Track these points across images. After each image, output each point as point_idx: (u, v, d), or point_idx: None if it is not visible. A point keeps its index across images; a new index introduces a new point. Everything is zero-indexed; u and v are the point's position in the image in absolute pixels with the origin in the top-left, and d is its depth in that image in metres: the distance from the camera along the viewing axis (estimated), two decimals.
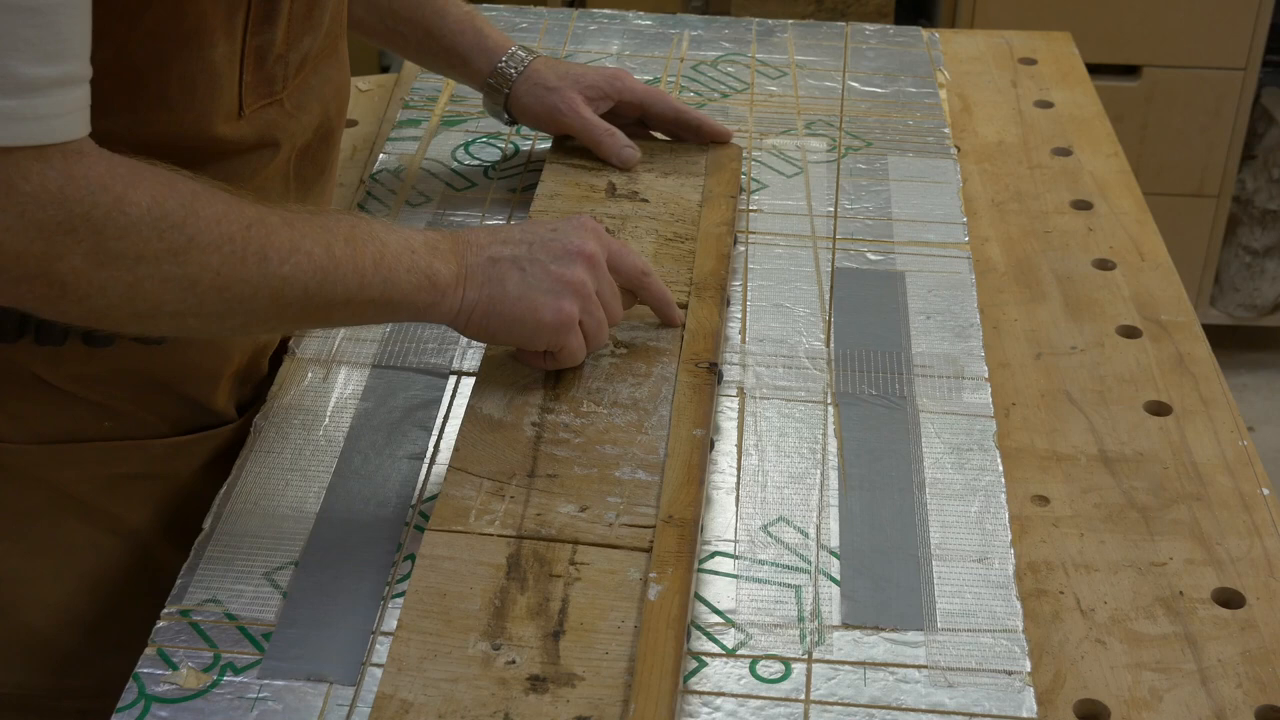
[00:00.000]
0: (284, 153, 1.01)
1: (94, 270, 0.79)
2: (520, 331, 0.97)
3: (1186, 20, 2.44)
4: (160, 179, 0.82)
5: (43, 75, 0.75)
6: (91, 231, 0.78)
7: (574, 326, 0.97)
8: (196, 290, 0.83)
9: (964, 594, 0.91)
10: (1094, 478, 1.06)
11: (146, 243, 0.80)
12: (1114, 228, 1.34)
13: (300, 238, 0.87)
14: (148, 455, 1.02)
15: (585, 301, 0.97)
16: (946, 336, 1.13)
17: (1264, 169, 2.69)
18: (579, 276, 0.97)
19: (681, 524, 0.90)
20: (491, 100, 1.28)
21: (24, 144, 0.75)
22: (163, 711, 0.83)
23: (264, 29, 0.94)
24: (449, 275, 0.94)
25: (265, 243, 0.85)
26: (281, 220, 0.87)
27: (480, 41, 1.25)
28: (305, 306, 0.89)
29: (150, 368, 1.00)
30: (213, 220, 0.83)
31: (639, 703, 0.79)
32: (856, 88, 1.48)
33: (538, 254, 0.97)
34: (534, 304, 0.96)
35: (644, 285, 1.04)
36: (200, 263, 0.82)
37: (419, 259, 0.93)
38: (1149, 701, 0.89)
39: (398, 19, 1.24)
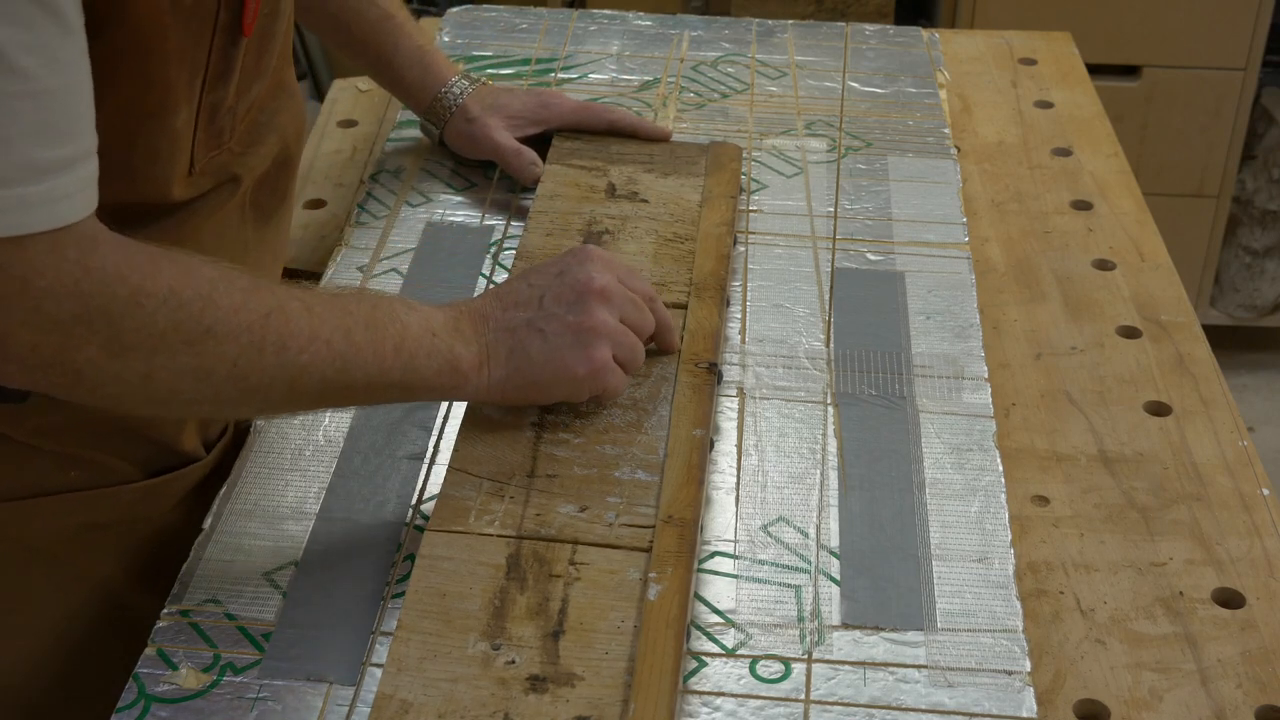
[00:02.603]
0: (242, 186, 1.00)
1: (109, 360, 0.79)
2: (559, 391, 0.96)
3: (1186, 20, 2.44)
4: (178, 267, 0.81)
5: (59, 157, 0.75)
6: (107, 323, 0.78)
7: (609, 367, 0.96)
8: (213, 380, 0.82)
9: (964, 594, 0.91)
10: (1094, 478, 1.06)
11: (163, 335, 0.79)
12: (1114, 228, 1.34)
13: (320, 325, 0.86)
14: (116, 502, 1.00)
15: (613, 337, 0.96)
16: (946, 337, 1.13)
17: (1264, 169, 2.69)
18: (599, 318, 0.95)
19: (681, 524, 0.90)
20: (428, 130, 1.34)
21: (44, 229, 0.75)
22: (163, 711, 0.83)
23: (219, 86, 0.93)
24: (471, 358, 0.93)
25: (284, 331, 0.84)
26: (302, 307, 0.86)
27: (424, 77, 1.31)
28: (323, 392, 0.88)
29: (113, 414, 0.97)
30: (230, 310, 0.82)
31: (639, 703, 0.79)
32: (856, 88, 1.48)
33: (551, 308, 0.95)
34: (563, 363, 0.94)
35: (653, 310, 1.02)
36: (217, 353, 0.82)
37: (440, 342, 0.91)
38: (1149, 701, 0.89)
39: (353, 39, 1.29)
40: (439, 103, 1.30)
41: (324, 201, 1.36)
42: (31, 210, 0.74)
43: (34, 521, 0.98)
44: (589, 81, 1.48)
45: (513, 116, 1.30)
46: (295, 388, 0.86)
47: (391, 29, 1.28)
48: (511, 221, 1.27)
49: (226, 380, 0.83)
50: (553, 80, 1.48)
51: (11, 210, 0.73)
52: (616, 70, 1.50)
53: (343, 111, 1.50)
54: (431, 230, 1.25)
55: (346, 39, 1.29)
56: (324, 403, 0.92)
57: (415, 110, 1.33)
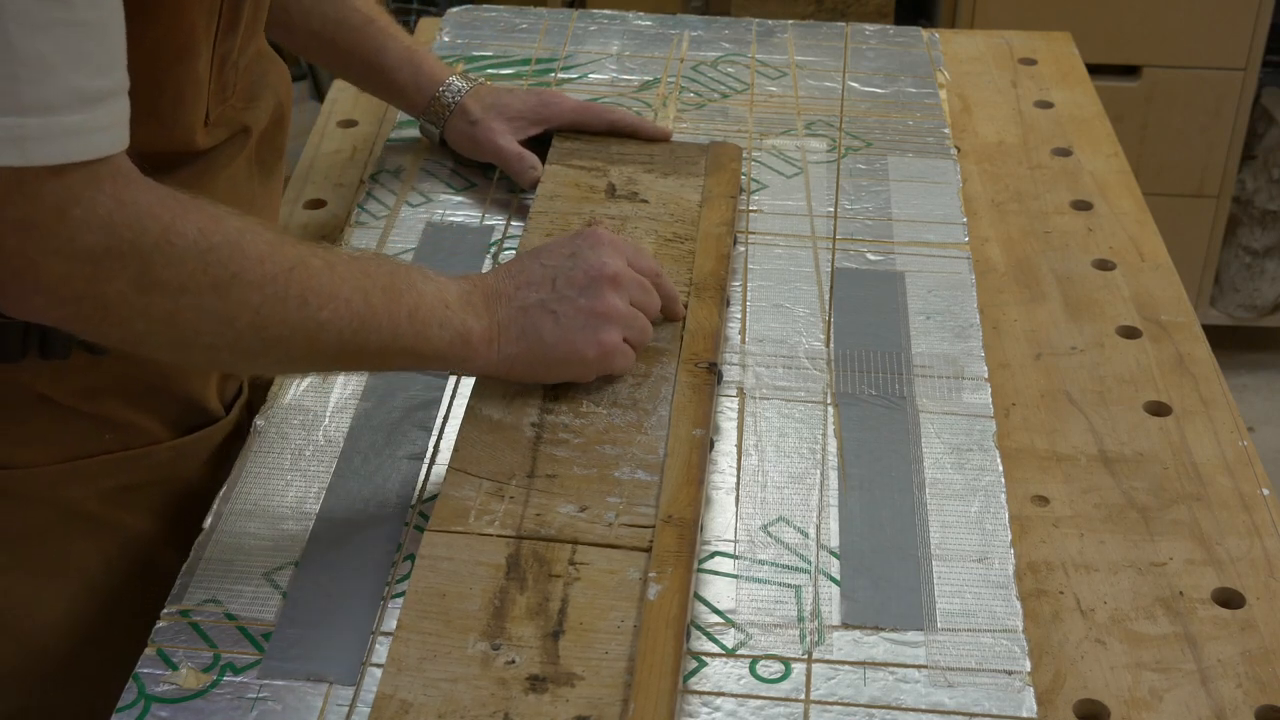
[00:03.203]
0: (252, 138, 1.03)
1: (137, 296, 0.80)
2: (568, 371, 0.99)
3: (1186, 20, 2.44)
4: (206, 213, 0.83)
5: (99, 88, 0.76)
6: (137, 258, 0.79)
7: (619, 351, 0.99)
8: (235, 326, 0.84)
9: (964, 594, 0.91)
10: (1094, 478, 1.06)
11: (191, 274, 0.81)
12: (1114, 228, 1.34)
13: (340, 284, 0.88)
14: (151, 462, 1.03)
15: (623, 320, 0.99)
16: (946, 337, 1.13)
17: (1264, 169, 2.69)
18: (610, 304, 0.98)
19: (681, 524, 0.90)
20: (427, 130, 1.34)
21: (83, 159, 0.76)
22: (163, 711, 0.83)
23: (229, 36, 0.96)
24: (481, 331, 0.95)
25: (306, 286, 0.86)
26: (324, 264, 0.88)
27: (416, 77, 1.31)
28: (339, 352, 0.89)
29: (147, 371, 1.00)
30: (257, 259, 0.84)
31: (639, 702, 0.79)
32: (856, 88, 1.48)
33: (564, 290, 0.97)
34: (573, 344, 0.97)
35: (658, 286, 1.05)
36: (241, 300, 0.83)
37: (452, 314, 0.94)
38: (1149, 701, 0.89)
39: (339, 50, 1.29)
40: (437, 102, 1.30)
41: (324, 201, 1.36)
42: (72, 139, 0.75)
43: (73, 485, 1.00)
44: (589, 81, 1.48)
45: (513, 117, 1.30)
46: (313, 344, 0.88)
47: (375, 33, 1.28)
48: (511, 221, 1.27)
49: (248, 328, 0.84)
50: (553, 80, 1.48)
51: (55, 138, 0.75)
52: (616, 70, 1.50)
53: (343, 111, 1.50)
54: (431, 230, 1.25)
55: (332, 52, 1.29)
56: (339, 363, 0.95)
57: (411, 112, 1.33)
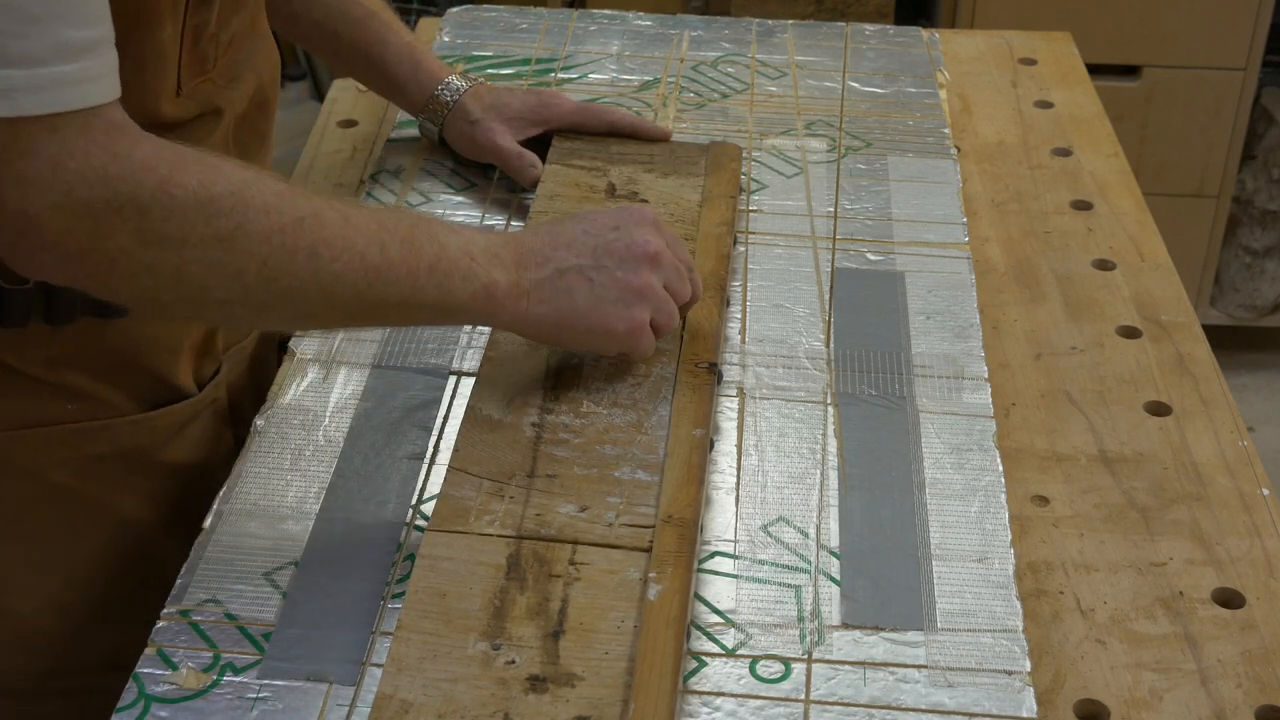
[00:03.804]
0: (225, 120, 1.02)
1: (141, 250, 0.80)
2: (593, 341, 0.98)
3: (1186, 20, 2.44)
4: (209, 165, 0.83)
5: (87, 38, 0.77)
6: (137, 211, 0.79)
7: (645, 330, 0.98)
8: (244, 279, 0.83)
9: (964, 594, 0.91)
10: (1094, 478, 1.06)
11: (192, 226, 0.81)
12: (1114, 228, 1.34)
13: (355, 236, 0.87)
14: (114, 434, 1.03)
15: (654, 303, 0.98)
16: (946, 337, 1.13)
17: (1264, 169, 2.69)
18: (647, 281, 0.97)
19: (681, 524, 0.90)
20: (426, 129, 1.33)
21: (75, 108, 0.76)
22: (163, 711, 0.83)
23: (201, 9, 0.96)
24: (506, 286, 0.94)
25: (317, 238, 0.85)
26: (339, 216, 0.87)
27: (416, 74, 1.30)
28: (357, 306, 0.89)
29: (111, 343, 1.00)
30: (262, 210, 0.83)
31: (639, 703, 0.79)
32: (856, 88, 1.48)
33: (604, 260, 0.97)
34: (605, 315, 0.96)
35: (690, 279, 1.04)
36: (248, 251, 0.83)
37: (477, 266, 0.93)
38: (1149, 701, 0.89)
39: (341, 42, 1.29)
40: (436, 100, 1.30)
41: None
42: (63, 89, 0.75)
43: (38, 454, 1.00)
44: (589, 81, 1.48)
45: (512, 118, 1.30)
46: (328, 297, 0.87)
47: (378, 26, 1.28)
48: (512, 221, 1.27)
49: (257, 280, 0.84)
50: (553, 80, 1.48)
51: (45, 89, 0.75)
52: (616, 70, 1.50)
53: (343, 111, 1.50)
54: None
55: (334, 44, 1.29)
56: (359, 318, 0.94)
57: (409, 109, 1.33)
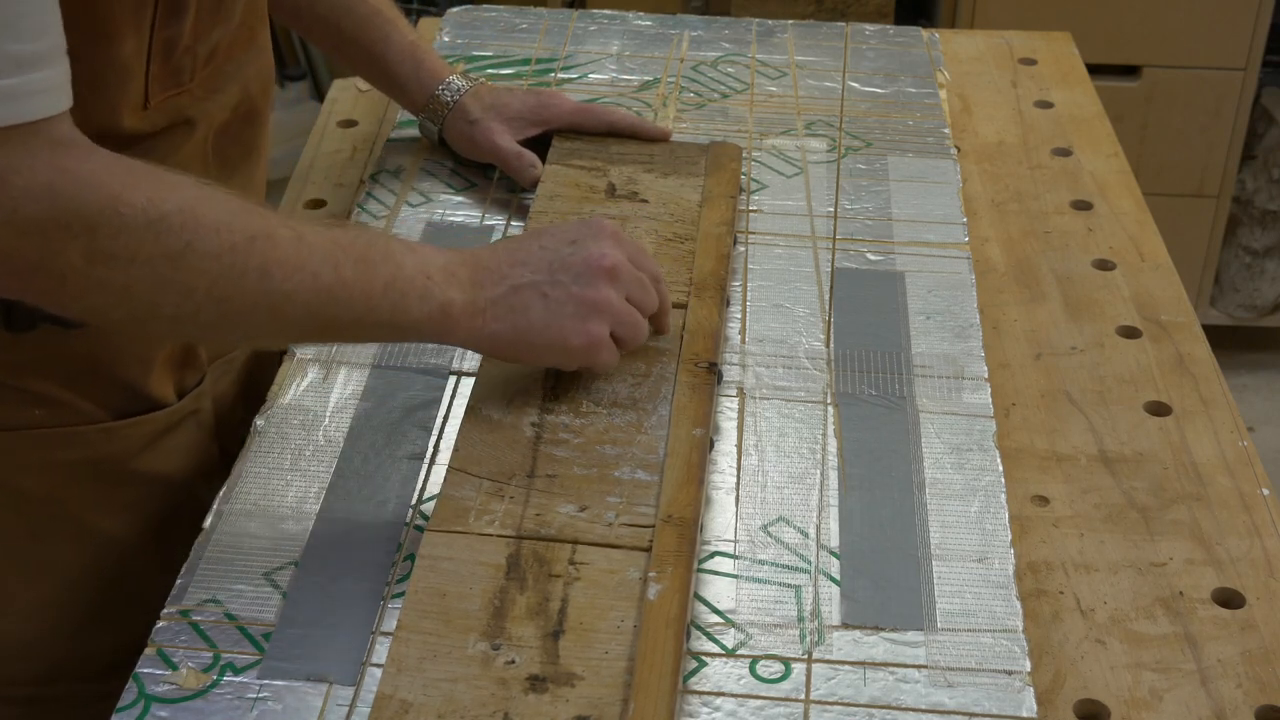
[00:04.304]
0: (200, 132, 1.01)
1: (89, 267, 0.79)
2: (549, 357, 0.97)
3: (1186, 20, 2.44)
4: (161, 181, 0.82)
5: (30, 51, 0.76)
6: (85, 228, 0.78)
7: (603, 345, 0.97)
8: (193, 297, 0.83)
9: (964, 594, 0.91)
10: (1094, 478, 1.06)
11: (141, 244, 0.80)
12: (1114, 228, 1.34)
13: (308, 255, 0.86)
14: (84, 441, 1.02)
15: (614, 315, 0.97)
16: (946, 337, 1.13)
17: (1264, 169, 2.69)
18: (603, 295, 0.96)
19: (681, 523, 0.90)
20: (426, 128, 1.33)
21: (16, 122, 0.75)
22: (163, 711, 0.83)
23: (171, 23, 0.94)
24: (462, 305, 0.93)
25: (267, 257, 0.84)
26: (292, 235, 0.86)
27: (417, 73, 1.30)
28: (309, 325, 0.89)
29: (77, 351, 0.99)
30: (213, 228, 0.83)
31: (639, 702, 0.79)
32: (856, 88, 1.48)
33: (560, 276, 0.96)
34: (561, 330, 0.95)
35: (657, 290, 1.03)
36: (197, 269, 0.82)
37: (433, 286, 0.92)
38: (1149, 701, 0.89)
39: (344, 37, 1.29)
40: (436, 100, 1.30)
41: (324, 201, 1.36)
42: (5, 104, 0.75)
43: (3, 457, 1.00)
44: (589, 81, 1.48)
45: (512, 118, 1.30)
46: (279, 316, 0.86)
47: (381, 24, 1.28)
48: (511, 221, 1.27)
49: (207, 299, 0.83)
50: (553, 80, 1.48)
51: None
52: (616, 70, 1.50)
53: (343, 111, 1.50)
54: (431, 230, 1.25)
55: (338, 39, 1.29)
56: (311, 335, 0.94)
57: (409, 108, 1.33)
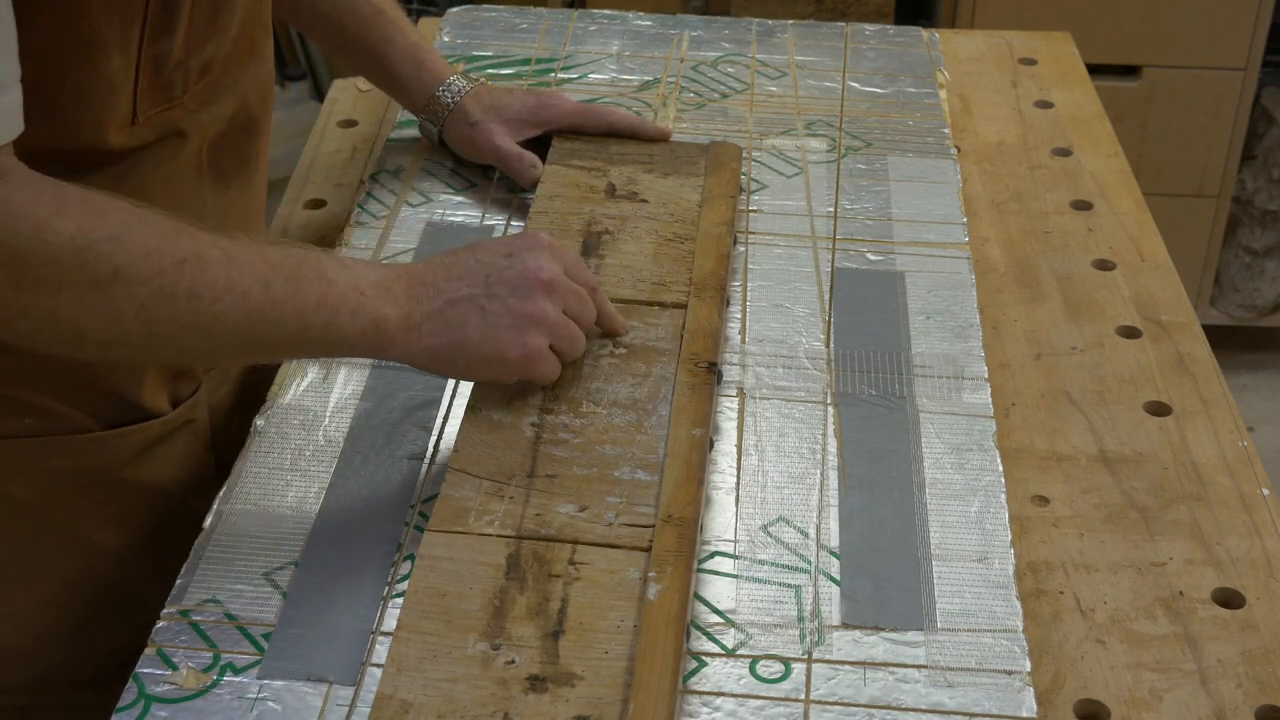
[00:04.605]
0: (192, 144, 1.00)
1: (15, 295, 0.79)
2: (488, 370, 0.97)
3: (1186, 20, 2.44)
4: (91, 207, 0.81)
5: None
6: (11, 258, 0.78)
7: (541, 356, 0.96)
8: (121, 322, 0.83)
9: (964, 594, 0.91)
10: (1094, 478, 1.06)
11: (68, 271, 0.80)
12: (1114, 228, 1.34)
13: (238, 276, 0.86)
14: (72, 450, 1.02)
15: (550, 328, 0.96)
16: (946, 337, 1.13)
17: (1264, 169, 2.69)
18: (539, 307, 0.95)
19: (681, 523, 0.90)
20: (426, 129, 1.33)
21: None
22: (162, 711, 0.83)
23: (161, 39, 0.93)
24: (397, 320, 0.93)
25: (197, 280, 0.84)
26: (222, 256, 0.86)
27: (418, 73, 1.30)
28: (241, 344, 0.88)
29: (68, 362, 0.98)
30: (142, 254, 0.82)
31: (639, 702, 0.79)
32: (856, 88, 1.48)
33: (496, 289, 0.95)
34: (498, 342, 0.95)
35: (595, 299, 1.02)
36: (125, 295, 0.82)
37: (366, 301, 0.91)
38: (1149, 701, 0.89)
39: (346, 37, 1.29)
40: (436, 101, 1.30)
41: (324, 201, 1.36)
42: None
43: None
44: (589, 81, 1.48)
45: (511, 119, 1.30)
46: (210, 337, 0.86)
47: (383, 24, 1.28)
48: (511, 221, 1.27)
49: (135, 323, 0.83)
50: (553, 80, 1.48)
51: None
52: (616, 70, 1.50)
53: (343, 111, 1.50)
54: (431, 230, 1.25)
55: (339, 38, 1.29)
56: (244, 354, 0.94)
57: (410, 108, 1.33)
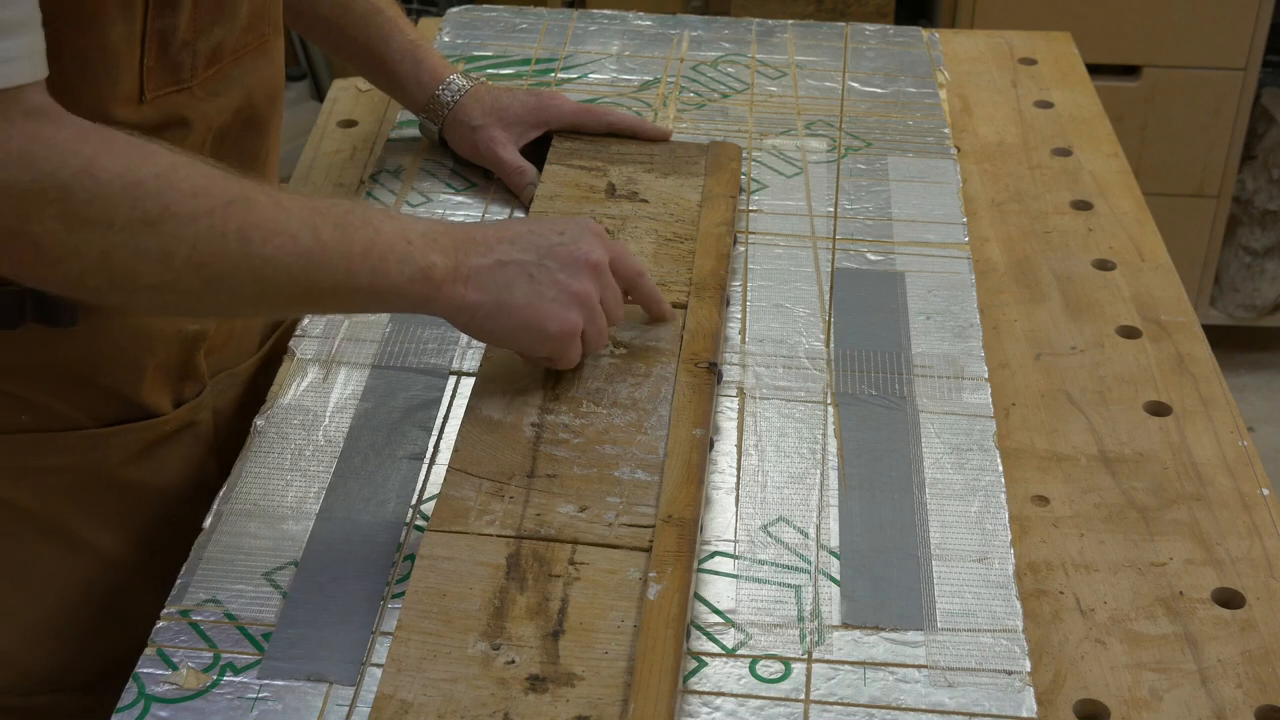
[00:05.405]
0: (196, 134, 1.00)
1: (66, 234, 0.79)
2: (524, 338, 0.97)
3: (1186, 20, 2.45)
4: (136, 148, 0.81)
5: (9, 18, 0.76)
6: (61, 194, 0.78)
7: (577, 336, 0.98)
8: (172, 264, 0.82)
9: (964, 594, 0.91)
10: (1094, 478, 1.06)
11: (118, 209, 0.80)
12: (1114, 228, 1.34)
13: (286, 219, 0.86)
14: (67, 447, 1.02)
15: (590, 312, 0.98)
16: (946, 337, 1.13)
17: (1264, 169, 2.69)
18: (586, 288, 0.97)
19: (681, 523, 0.90)
20: (426, 128, 1.33)
21: None
22: (163, 711, 0.83)
23: (165, 13, 0.94)
24: (444, 270, 0.93)
25: (246, 221, 0.84)
26: (269, 200, 0.86)
27: (417, 72, 1.30)
28: (291, 291, 0.88)
29: (65, 356, 0.99)
30: (189, 193, 0.82)
31: (638, 702, 0.79)
32: (856, 88, 1.48)
33: (546, 261, 0.96)
34: (541, 312, 0.96)
35: (638, 286, 1.04)
36: (175, 235, 0.81)
37: (414, 249, 0.92)
38: (1149, 701, 0.89)
39: (344, 37, 1.29)
40: (436, 100, 1.30)
41: None
42: None
43: None
44: (589, 82, 1.48)
45: (513, 122, 1.30)
46: (260, 281, 0.86)
47: (382, 22, 1.28)
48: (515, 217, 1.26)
49: (186, 265, 0.82)
50: (553, 80, 1.48)
51: None
52: (616, 70, 1.50)
53: (343, 111, 1.50)
54: None
55: (339, 37, 1.29)
56: (295, 303, 0.93)
57: (410, 107, 1.33)
